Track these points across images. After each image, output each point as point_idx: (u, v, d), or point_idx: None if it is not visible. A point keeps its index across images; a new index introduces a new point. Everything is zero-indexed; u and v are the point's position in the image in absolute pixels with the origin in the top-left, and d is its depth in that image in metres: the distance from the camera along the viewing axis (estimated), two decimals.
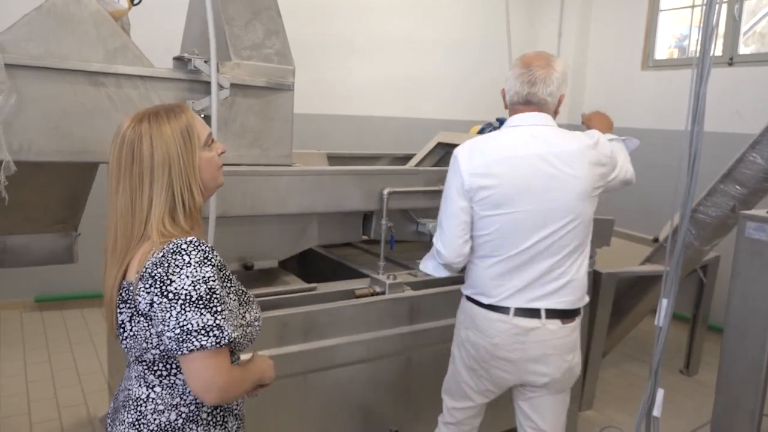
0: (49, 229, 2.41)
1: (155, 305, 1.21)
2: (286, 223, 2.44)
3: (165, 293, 1.20)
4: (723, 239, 3.49)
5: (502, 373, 2.01)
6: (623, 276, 3.55)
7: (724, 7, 4.82)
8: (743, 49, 4.83)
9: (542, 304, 1.93)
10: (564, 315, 1.97)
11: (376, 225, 2.60)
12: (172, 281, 1.20)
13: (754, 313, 2.22)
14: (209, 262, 1.23)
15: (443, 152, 3.66)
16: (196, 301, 1.19)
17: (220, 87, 2.13)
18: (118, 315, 1.30)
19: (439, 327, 2.56)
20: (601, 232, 3.36)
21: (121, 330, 1.30)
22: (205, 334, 1.19)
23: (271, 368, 1.47)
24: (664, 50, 5.46)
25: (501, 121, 3.64)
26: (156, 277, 1.21)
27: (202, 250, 1.24)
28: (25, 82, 1.91)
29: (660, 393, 2.19)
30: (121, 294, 1.29)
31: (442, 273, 2.12)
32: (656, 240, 3.83)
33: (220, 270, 1.28)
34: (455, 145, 3.55)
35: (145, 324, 1.26)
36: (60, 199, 2.34)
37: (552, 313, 1.94)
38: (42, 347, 4.05)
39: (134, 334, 1.28)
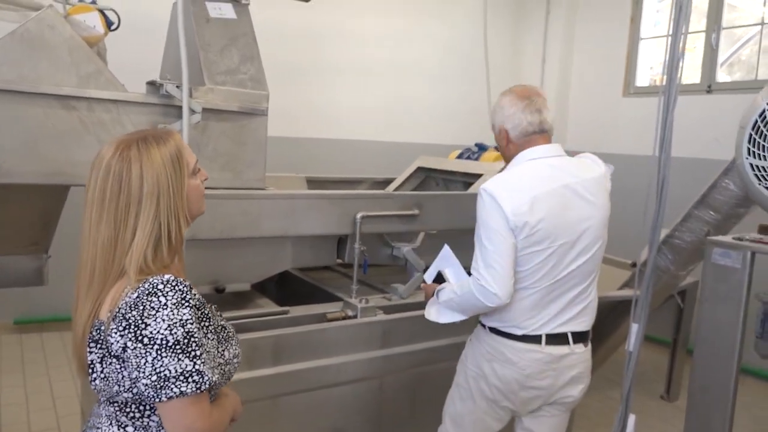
0: (20, 251, 2.41)
1: (129, 350, 1.15)
2: (258, 247, 2.45)
3: (140, 338, 1.14)
4: (699, 264, 3.51)
5: (532, 399, 2.02)
6: (603, 301, 3.54)
7: (702, 36, 4.92)
8: (722, 77, 4.91)
9: (568, 328, 1.97)
10: (583, 337, 2.03)
11: (350, 249, 2.61)
12: (147, 325, 1.13)
13: (721, 338, 2.24)
14: (187, 303, 1.18)
15: (423, 176, 3.70)
16: (173, 346, 1.14)
17: (192, 111, 2.16)
18: (88, 354, 1.23)
19: (412, 351, 2.56)
20: None
21: (91, 370, 1.23)
22: (184, 380, 1.14)
23: (239, 403, 1.44)
24: (645, 77, 5.55)
25: (479, 146, 3.69)
26: (130, 321, 1.15)
27: (180, 290, 1.18)
28: None
29: (632, 419, 2.19)
30: (92, 333, 1.22)
31: (460, 317, 2.04)
32: (635, 264, 3.85)
33: (198, 309, 1.23)
34: (434, 170, 3.63)
35: (118, 366, 1.20)
36: (31, 221, 2.35)
37: (576, 337, 1.99)
38: (18, 370, 4.01)
39: (105, 376, 1.22)
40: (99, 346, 1.21)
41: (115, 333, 1.17)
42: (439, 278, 2.18)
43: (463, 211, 2.86)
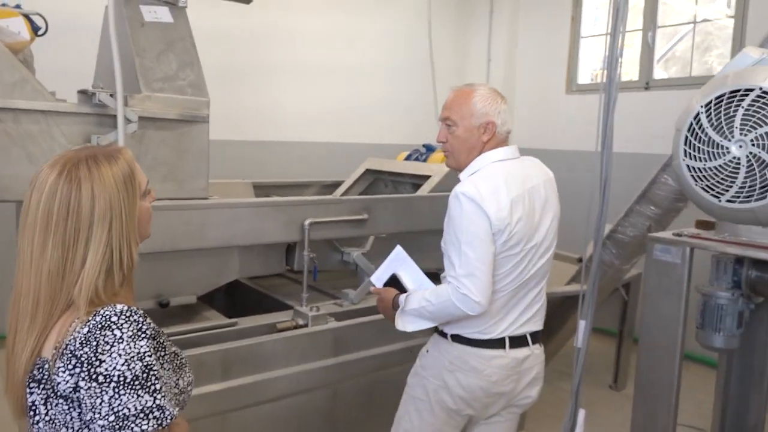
0: None
1: (82, 390, 1.06)
2: (203, 258, 2.38)
3: (94, 376, 1.05)
4: (642, 257, 3.62)
5: (494, 404, 2.00)
6: (552, 296, 3.61)
7: (639, 34, 5.07)
8: (659, 74, 5.07)
9: (527, 329, 1.97)
10: (539, 337, 2.03)
11: (299, 256, 2.57)
12: (101, 362, 1.05)
13: (664, 332, 2.30)
14: (143, 335, 1.10)
15: (372, 178, 3.68)
16: (131, 383, 1.06)
17: (128, 121, 2.07)
18: (29, 395, 1.12)
19: (365, 357, 2.54)
20: None
21: (33, 412, 1.13)
22: (145, 418, 1.06)
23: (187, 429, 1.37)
24: (587, 74, 5.68)
25: (427, 147, 3.69)
26: (82, 358, 1.06)
27: (135, 321, 1.10)
28: None
29: (581, 414, 2.23)
30: (33, 372, 1.12)
31: (429, 325, 1.96)
32: (581, 260, 3.94)
33: (154, 339, 1.15)
34: (383, 172, 3.61)
35: (66, 407, 1.10)
36: None
37: (533, 337, 2.00)
38: None
39: (51, 419, 1.12)
40: (42, 386, 1.11)
41: (63, 372, 1.08)
42: (392, 282, 2.10)
43: (413, 213, 2.87)
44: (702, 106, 1.82)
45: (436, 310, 1.86)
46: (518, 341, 1.94)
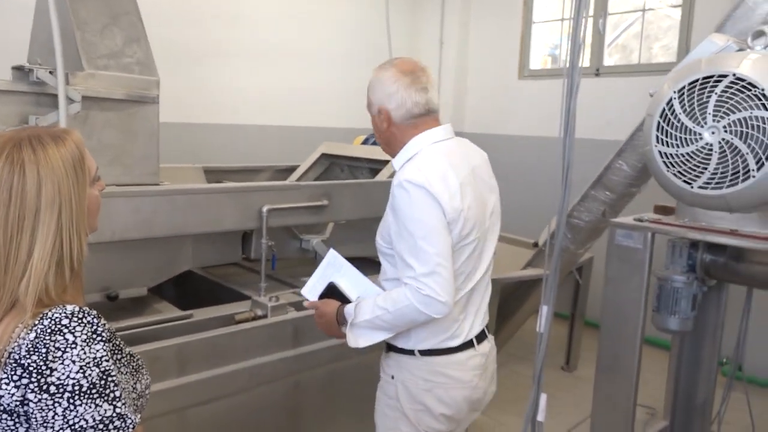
0: None
1: (31, 404, 0.96)
2: (154, 247, 2.25)
3: (44, 387, 0.95)
4: (596, 241, 3.68)
5: (474, 409, 1.86)
6: (506, 281, 3.64)
7: (590, 20, 5.14)
8: (608, 61, 5.16)
9: (483, 322, 1.84)
10: (490, 327, 1.90)
11: (256, 244, 2.47)
12: (53, 370, 0.95)
13: (625, 316, 2.33)
14: (99, 338, 1.00)
15: (327, 163, 3.59)
16: (88, 391, 0.96)
17: (70, 100, 1.91)
18: None
19: (327, 347, 2.47)
20: None
21: None
22: (104, 429, 0.97)
23: None
24: (539, 60, 5.72)
25: None
26: (30, 368, 0.95)
27: (89, 323, 1.00)
28: None
29: (543, 398, 2.23)
30: None
31: (385, 336, 1.71)
32: (536, 244, 3.98)
33: (110, 342, 1.05)
34: (339, 156, 3.52)
35: (11, 423, 0.99)
36: None
37: (488, 328, 1.87)
38: None
39: None
40: None
41: (7, 384, 0.96)
42: (329, 292, 1.82)
43: (373, 199, 2.80)
44: (675, 92, 1.82)
45: (393, 318, 1.63)
46: (480, 335, 1.80)
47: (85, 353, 0.97)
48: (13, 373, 0.96)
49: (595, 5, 5.00)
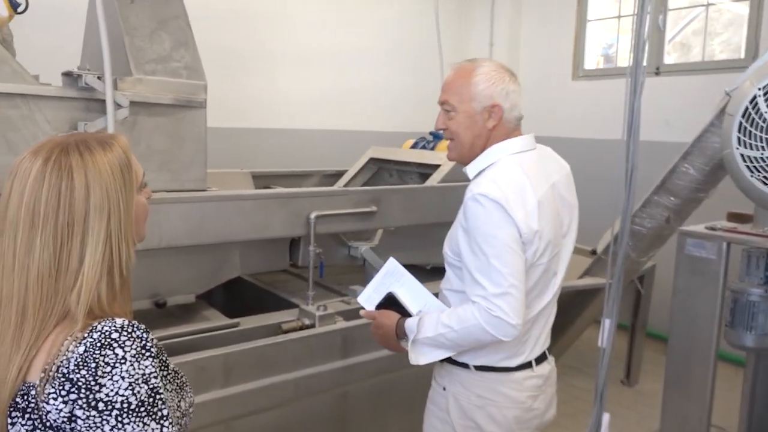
0: None
1: (79, 420, 0.92)
2: (202, 254, 2.21)
3: (93, 404, 0.91)
4: (659, 249, 3.48)
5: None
6: (564, 290, 3.47)
7: (649, 17, 4.91)
8: (668, 59, 4.92)
9: (545, 345, 1.73)
10: (551, 348, 1.78)
11: (304, 251, 2.41)
12: (102, 386, 0.91)
13: (697, 330, 2.16)
14: (148, 353, 0.96)
15: (376, 168, 3.51)
16: (137, 409, 0.93)
17: (118, 106, 1.89)
18: (10, 425, 0.97)
19: (376, 359, 2.38)
20: None
21: None
22: None
23: None
24: (593, 60, 5.51)
25: (435, 135, 3.52)
26: (79, 383, 0.91)
27: (138, 336, 0.96)
28: None
29: (606, 418, 2.10)
30: (16, 399, 0.96)
31: (447, 354, 1.63)
32: (594, 252, 3.80)
33: (157, 357, 1.01)
34: (388, 161, 3.44)
35: None
36: None
37: (549, 349, 1.76)
38: None
39: None
40: (27, 415, 0.95)
41: (55, 399, 0.92)
42: (388, 302, 1.71)
43: (423, 205, 2.71)
44: (760, 89, 1.65)
45: (458, 337, 1.53)
46: (540, 356, 1.70)
47: (134, 369, 0.94)
48: (61, 388, 0.92)
49: (655, 1, 4.78)
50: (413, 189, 2.79)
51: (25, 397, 0.95)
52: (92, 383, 0.91)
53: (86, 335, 0.93)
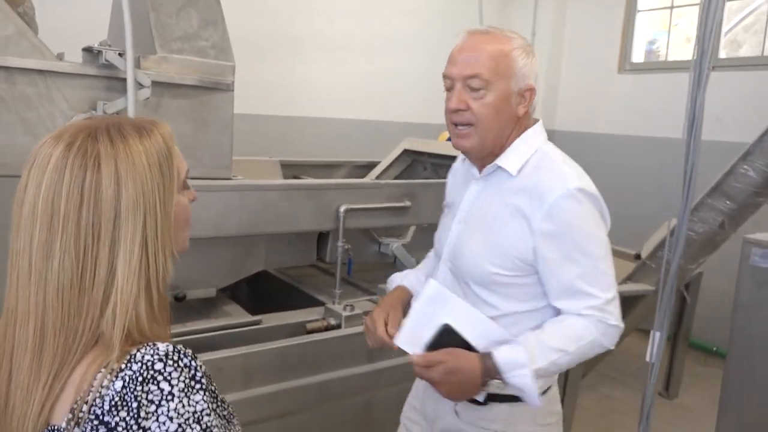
0: None
1: None
2: (225, 247, 2.10)
3: None
4: (710, 257, 3.26)
5: None
6: None
7: (692, 9, 4.64)
8: (722, 54, 4.65)
9: None
10: None
11: (332, 247, 2.27)
12: (145, 430, 0.75)
13: (761, 349, 1.96)
14: (199, 385, 0.79)
15: (409, 160, 3.35)
16: None
17: (140, 85, 1.77)
18: None
19: (403, 364, 2.23)
20: None
21: None
22: None
23: None
24: (641, 52, 5.25)
25: None
26: (118, 429, 0.75)
27: (186, 366, 0.79)
28: None
29: None
30: None
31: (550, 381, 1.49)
32: (638, 256, 3.59)
33: (208, 390, 0.85)
34: (422, 153, 3.28)
35: None
36: None
37: None
38: None
39: None
40: None
41: None
42: (442, 337, 1.33)
43: None
44: None
45: (570, 360, 1.31)
46: None
47: (183, 407, 0.76)
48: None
49: None
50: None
51: None
52: (134, 427, 0.74)
53: (124, 366, 0.77)
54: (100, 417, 0.75)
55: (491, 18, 5.58)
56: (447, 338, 1.31)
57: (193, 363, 0.80)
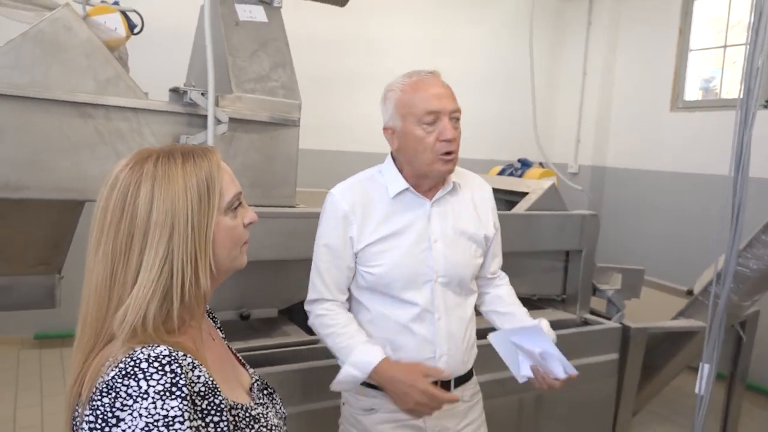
0: (30, 270, 2.24)
1: None
2: (287, 270, 2.24)
3: None
4: (765, 294, 3.21)
5: None
6: (654, 331, 3.27)
7: (742, 49, 4.62)
8: None
9: None
10: None
11: None
12: (119, 420, 0.80)
13: None
14: (177, 393, 0.83)
15: None
16: None
17: (218, 121, 1.97)
18: None
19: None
20: (631, 282, 3.12)
21: None
22: None
23: None
24: (693, 91, 5.25)
25: (523, 162, 3.46)
26: (98, 411, 0.82)
27: (171, 371, 0.84)
28: (6, 113, 1.76)
29: None
30: (73, 411, 0.90)
31: None
32: (690, 292, 3.56)
33: (194, 402, 0.87)
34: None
35: None
36: (41, 238, 2.18)
37: None
38: (36, 388, 3.86)
39: None
40: None
41: (87, 425, 0.83)
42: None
43: (509, 233, 2.62)
44: None
45: None
46: None
47: (155, 408, 0.81)
48: (90, 415, 0.84)
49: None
50: (501, 216, 2.71)
51: (74, 418, 0.89)
52: (109, 415, 0.81)
53: (122, 359, 0.85)
54: (93, 402, 0.84)
55: (543, 57, 5.71)
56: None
57: (178, 370, 0.84)
